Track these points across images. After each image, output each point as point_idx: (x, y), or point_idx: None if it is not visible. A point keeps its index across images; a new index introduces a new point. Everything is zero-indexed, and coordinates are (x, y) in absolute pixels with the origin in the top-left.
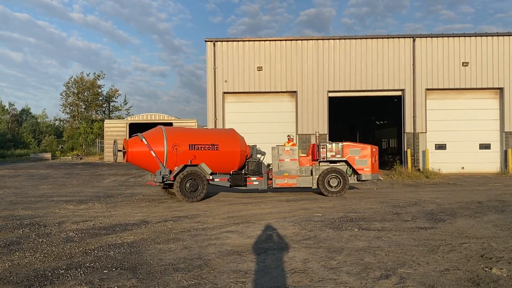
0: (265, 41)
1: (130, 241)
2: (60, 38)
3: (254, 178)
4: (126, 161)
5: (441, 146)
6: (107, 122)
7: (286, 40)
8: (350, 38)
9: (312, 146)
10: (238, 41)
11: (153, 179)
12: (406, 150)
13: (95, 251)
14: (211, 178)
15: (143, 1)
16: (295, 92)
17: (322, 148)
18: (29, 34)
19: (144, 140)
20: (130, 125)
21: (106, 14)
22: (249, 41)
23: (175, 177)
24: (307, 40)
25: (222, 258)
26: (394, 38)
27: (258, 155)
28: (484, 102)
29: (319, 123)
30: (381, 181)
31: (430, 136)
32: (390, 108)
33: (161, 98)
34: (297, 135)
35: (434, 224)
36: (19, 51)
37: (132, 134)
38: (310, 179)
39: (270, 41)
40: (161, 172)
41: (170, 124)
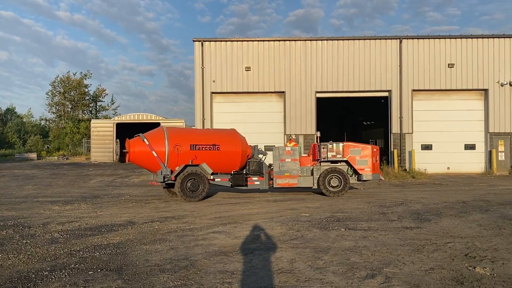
0: (253, 41)
1: (116, 242)
2: (46, 37)
3: (255, 178)
4: (128, 160)
5: (427, 147)
6: (94, 122)
7: (274, 40)
8: (337, 39)
9: (313, 146)
10: (226, 41)
11: (154, 179)
12: (392, 150)
13: (80, 252)
14: (212, 178)
15: (131, 0)
16: (283, 92)
17: (323, 148)
18: (14, 33)
19: (145, 140)
20: (117, 125)
21: (93, 13)
22: (237, 41)
23: (176, 177)
24: (295, 40)
25: (209, 258)
26: (381, 39)
27: (260, 155)
28: (469, 103)
29: (307, 124)
30: (382, 181)
31: (417, 136)
32: (377, 108)
33: (148, 98)
34: (285, 136)
35: (419, 223)
36: (4, 50)
37: (118, 134)
38: (311, 179)
39: (259, 41)
40: (162, 172)
41: (157, 124)
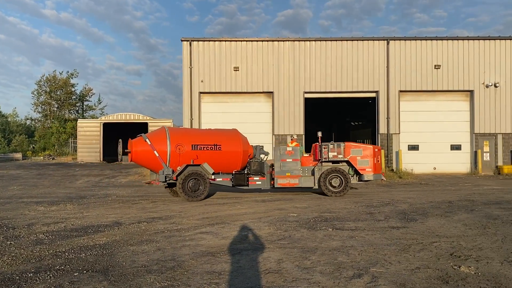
0: (242, 41)
1: (102, 242)
2: (31, 35)
3: (257, 178)
4: (130, 160)
5: (414, 147)
6: (81, 122)
7: (263, 41)
8: (326, 40)
9: (314, 146)
10: (215, 41)
11: (156, 178)
12: None
13: (66, 254)
14: (213, 178)
15: None
16: (272, 92)
17: (324, 148)
18: None
19: (147, 140)
20: (104, 124)
21: (80, 11)
22: (225, 41)
23: (178, 176)
24: (284, 41)
25: (196, 259)
26: (368, 40)
27: (262, 155)
28: (455, 104)
29: (295, 124)
30: (384, 181)
31: (403, 137)
32: (365, 109)
33: (136, 98)
34: (273, 136)
35: (406, 223)
36: None
37: (105, 134)
38: (312, 179)
39: (247, 41)
40: (164, 171)
41: (145, 124)
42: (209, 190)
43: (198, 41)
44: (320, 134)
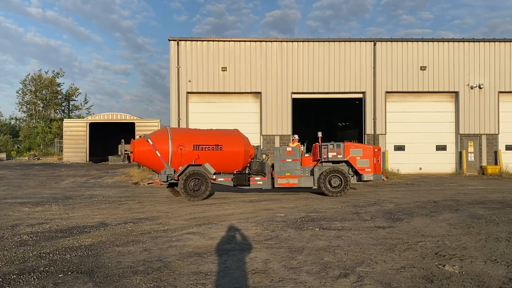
0: (230, 41)
1: (88, 243)
2: (16, 34)
3: (258, 178)
4: (132, 160)
5: (400, 148)
6: (67, 122)
7: (250, 41)
8: (313, 41)
9: (314, 146)
10: (203, 40)
11: (158, 178)
12: None
13: (50, 255)
14: (215, 177)
15: None
16: (260, 93)
17: (323, 148)
18: None
19: (149, 140)
20: (91, 124)
21: (66, 10)
22: (213, 41)
23: (179, 176)
24: (272, 41)
25: (183, 260)
26: (355, 41)
27: (263, 155)
28: (441, 105)
29: (283, 124)
30: (384, 181)
31: (390, 137)
32: (352, 110)
33: (123, 97)
34: (261, 136)
35: (392, 223)
36: None
37: (92, 134)
38: (312, 179)
39: (235, 41)
40: (165, 171)
41: (132, 124)
42: (211, 190)
43: (186, 40)
44: (320, 134)
